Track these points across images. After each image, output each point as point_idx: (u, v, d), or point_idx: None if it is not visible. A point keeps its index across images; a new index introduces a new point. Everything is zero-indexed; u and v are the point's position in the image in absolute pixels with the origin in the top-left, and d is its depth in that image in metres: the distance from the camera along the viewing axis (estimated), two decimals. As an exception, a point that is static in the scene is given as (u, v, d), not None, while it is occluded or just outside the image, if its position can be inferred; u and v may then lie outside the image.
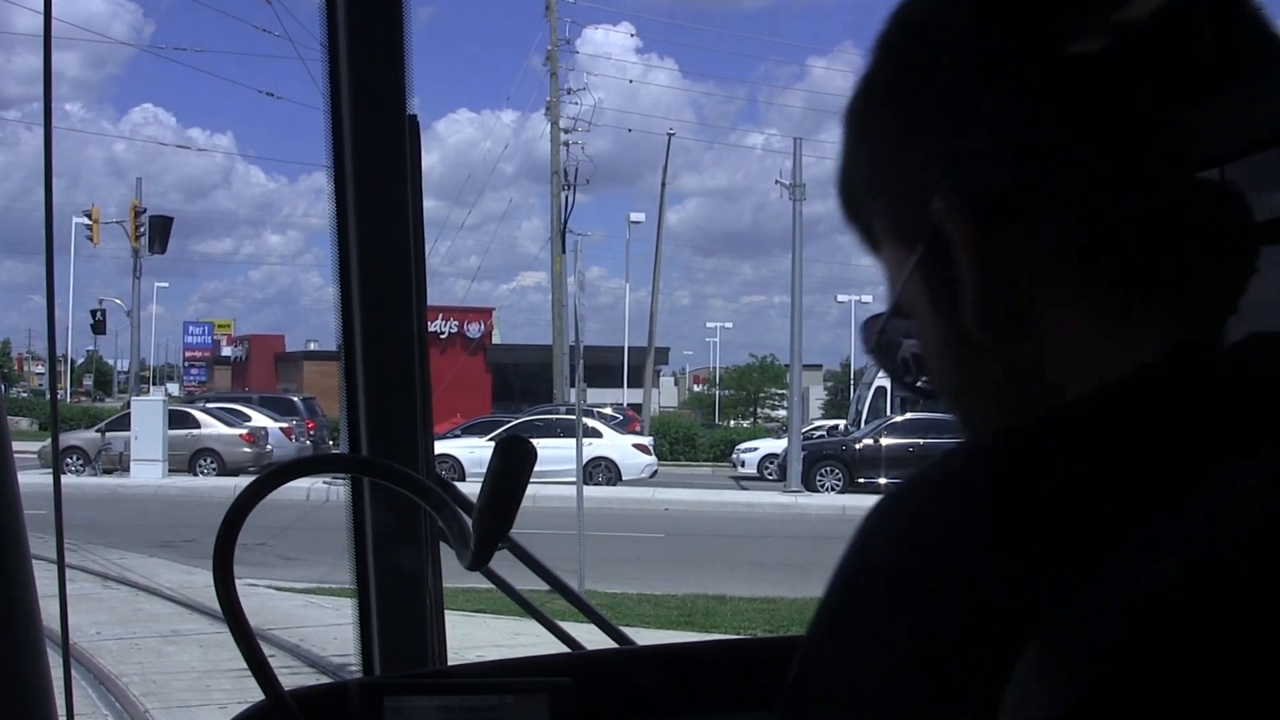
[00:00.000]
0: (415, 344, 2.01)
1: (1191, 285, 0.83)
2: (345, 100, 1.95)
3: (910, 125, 0.89)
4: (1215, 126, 0.84)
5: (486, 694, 1.45)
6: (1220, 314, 0.84)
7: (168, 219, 39.19)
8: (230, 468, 30.35)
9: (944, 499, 0.80)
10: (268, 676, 1.35)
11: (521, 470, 1.36)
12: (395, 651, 2.02)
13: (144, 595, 13.43)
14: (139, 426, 28.87)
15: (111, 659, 9.90)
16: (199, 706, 8.62)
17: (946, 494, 0.80)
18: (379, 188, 1.97)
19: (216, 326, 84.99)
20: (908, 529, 0.80)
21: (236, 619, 1.31)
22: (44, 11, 1.64)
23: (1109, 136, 0.83)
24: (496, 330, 62.67)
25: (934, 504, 0.80)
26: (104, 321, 45.73)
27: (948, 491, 0.81)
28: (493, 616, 11.64)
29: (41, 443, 28.08)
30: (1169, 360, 0.81)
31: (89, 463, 30.20)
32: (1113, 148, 0.82)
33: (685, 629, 11.96)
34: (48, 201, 1.73)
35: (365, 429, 2.01)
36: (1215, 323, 0.83)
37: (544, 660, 1.58)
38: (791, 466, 29.73)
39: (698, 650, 1.67)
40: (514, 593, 1.94)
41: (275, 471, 1.38)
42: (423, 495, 1.49)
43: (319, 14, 1.95)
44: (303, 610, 12.67)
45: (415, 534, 2.03)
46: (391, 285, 1.99)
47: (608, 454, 31.19)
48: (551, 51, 47.59)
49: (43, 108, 1.68)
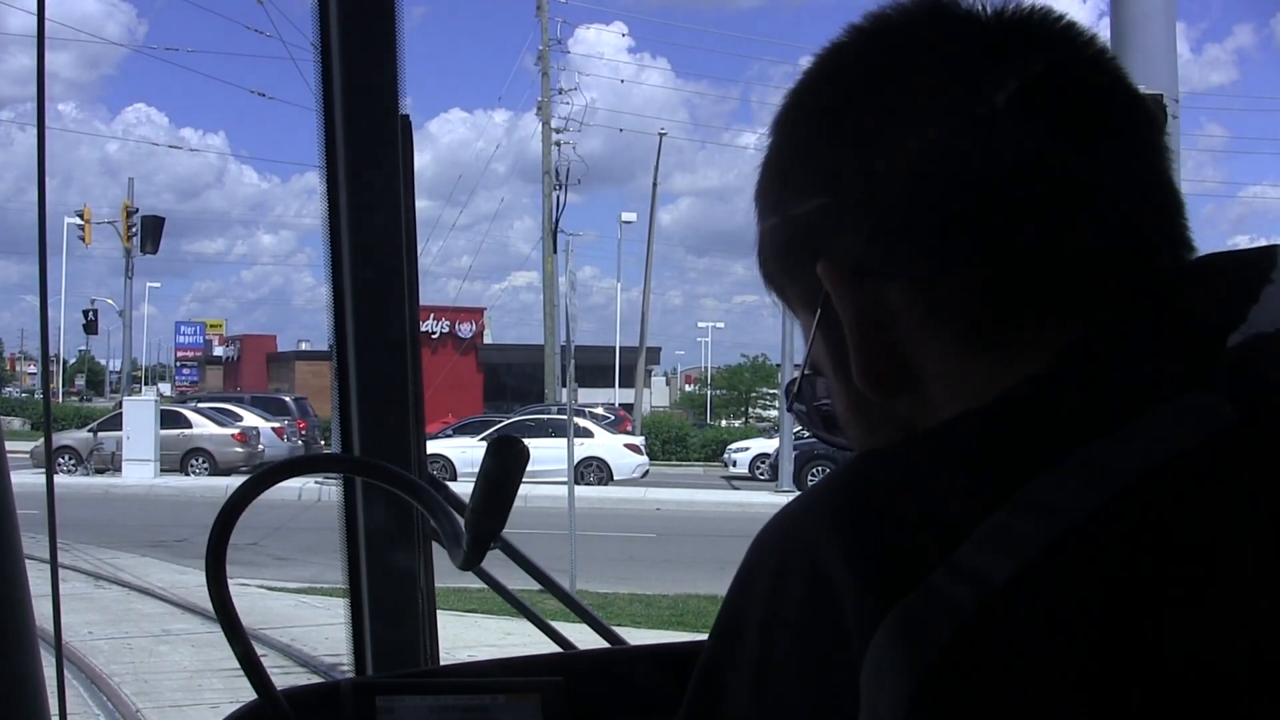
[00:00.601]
0: (407, 344, 2.01)
1: (1056, 320, 0.86)
2: (337, 100, 1.96)
3: (794, 197, 0.95)
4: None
5: (479, 694, 1.45)
6: (1097, 341, 0.85)
7: (159, 219, 39.14)
8: (222, 468, 30.32)
9: (809, 517, 0.85)
10: (260, 676, 1.35)
11: (514, 470, 1.37)
12: (387, 651, 2.03)
13: (136, 595, 13.41)
14: (131, 426, 28.81)
15: (104, 658, 9.89)
16: (191, 706, 8.61)
17: (812, 512, 0.86)
18: (371, 188, 1.97)
19: (208, 326, 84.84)
20: (776, 560, 0.85)
21: (229, 618, 1.31)
22: (37, 12, 1.64)
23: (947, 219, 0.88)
24: (488, 330, 62.60)
25: (802, 524, 0.86)
26: (96, 321, 45.70)
27: (814, 510, 0.86)
28: (485, 616, 11.64)
29: (34, 442, 28.01)
30: (1018, 387, 0.84)
31: (81, 462, 30.13)
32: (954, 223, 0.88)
33: (677, 629, 11.96)
34: (40, 202, 1.73)
35: (357, 429, 2.01)
36: (1084, 350, 0.85)
37: (536, 660, 1.58)
38: (783, 466, 29.69)
39: (690, 650, 1.67)
40: (506, 592, 1.94)
41: (267, 471, 1.38)
42: (415, 495, 1.49)
43: (311, 14, 1.96)
44: (295, 610, 12.66)
45: (407, 534, 2.03)
46: (383, 285, 1.99)
47: (599, 454, 31.17)
48: (543, 51, 47.56)
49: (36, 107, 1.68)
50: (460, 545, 1.41)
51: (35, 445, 27.12)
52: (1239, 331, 0.82)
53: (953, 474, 0.81)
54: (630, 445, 32.72)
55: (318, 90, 1.97)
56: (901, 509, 0.80)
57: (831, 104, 0.95)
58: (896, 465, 0.85)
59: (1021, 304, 0.87)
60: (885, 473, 0.85)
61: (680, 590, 14.56)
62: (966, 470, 0.81)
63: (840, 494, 0.85)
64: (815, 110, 0.96)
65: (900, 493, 0.82)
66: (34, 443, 27.86)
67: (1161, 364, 0.82)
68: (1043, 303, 0.87)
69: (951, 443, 0.84)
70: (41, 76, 1.69)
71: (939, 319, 0.88)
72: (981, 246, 0.87)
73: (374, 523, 2.02)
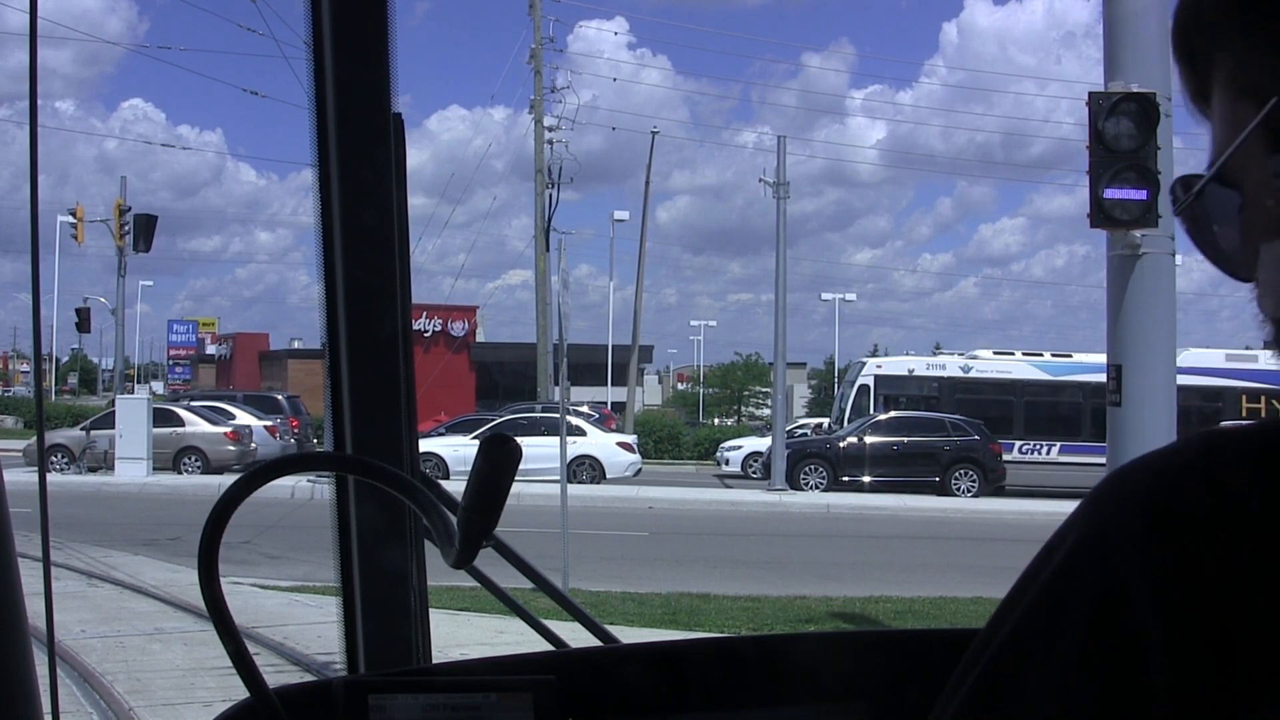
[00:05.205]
0: (400, 342, 2.01)
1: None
2: (330, 98, 1.95)
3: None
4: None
5: (471, 692, 1.45)
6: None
7: (152, 217, 39.01)
8: (214, 466, 30.34)
9: (1185, 519, 0.69)
10: (252, 674, 1.35)
11: (506, 469, 1.36)
12: (379, 649, 2.02)
13: (129, 593, 13.40)
14: (123, 425, 28.81)
15: (96, 657, 9.87)
16: (183, 704, 8.60)
17: (1186, 515, 0.69)
18: (364, 186, 1.97)
19: (201, 325, 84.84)
20: (1103, 570, 0.70)
21: (221, 617, 1.31)
22: (30, 10, 1.64)
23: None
24: (480, 328, 62.63)
25: (1166, 526, 0.69)
26: (88, 320, 45.51)
27: (1189, 510, 0.69)
28: (477, 615, 11.65)
29: (26, 441, 28.00)
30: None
31: (74, 461, 30.11)
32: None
33: (669, 627, 11.97)
34: (33, 200, 1.73)
35: (349, 427, 2.01)
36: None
37: (528, 658, 1.58)
38: (776, 465, 29.76)
39: (682, 648, 1.68)
40: (499, 591, 1.94)
41: (260, 470, 1.38)
42: (407, 493, 1.49)
43: (303, 12, 1.96)
44: (287, 608, 12.66)
45: (400, 532, 2.03)
46: (376, 283, 1.99)
47: (592, 452, 31.20)
48: (535, 50, 47.57)
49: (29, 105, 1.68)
50: (453, 543, 1.41)
51: (28, 443, 27.11)
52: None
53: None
54: (623, 444, 32.75)
55: (309, 88, 1.96)
56: (1256, 568, 0.64)
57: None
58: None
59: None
60: (1262, 486, 0.67)
61: (672, 588, 14.57)
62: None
63: (1183, 512, 0.68)
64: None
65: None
66: (27, 441, 27.86)
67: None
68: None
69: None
70: (34, 74, 1.69)
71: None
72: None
73: (366, 521, 2.01)
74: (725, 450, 39.23)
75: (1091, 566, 0.70)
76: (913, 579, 15.93)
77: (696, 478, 36.41)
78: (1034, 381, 35.85)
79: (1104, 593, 0.69)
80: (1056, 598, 0.72)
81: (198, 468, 30.63)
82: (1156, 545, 0.68)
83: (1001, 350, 38.18)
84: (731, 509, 26.35)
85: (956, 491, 30.56)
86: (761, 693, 1.57)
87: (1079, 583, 0.71)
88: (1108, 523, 0.71)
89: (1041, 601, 0.73)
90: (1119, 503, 0.72)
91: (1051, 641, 0.70)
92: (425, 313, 55.52)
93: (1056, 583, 0.72)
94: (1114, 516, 0.71)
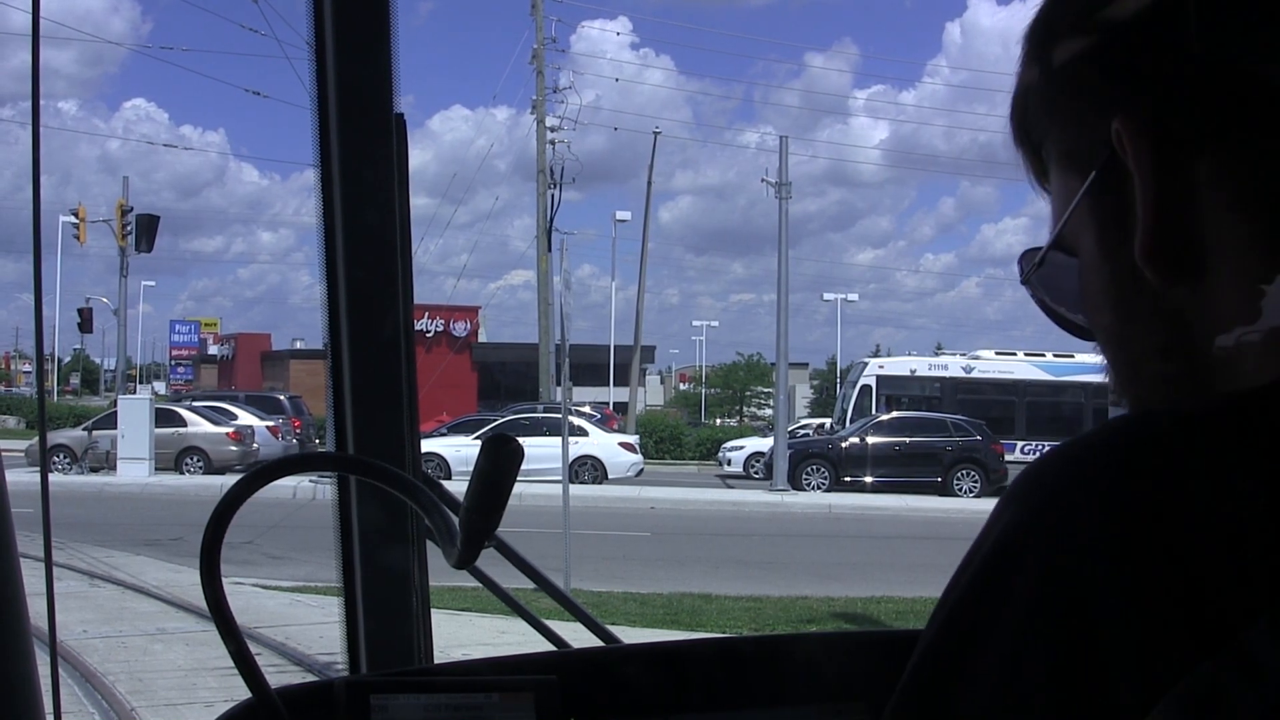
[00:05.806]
0: (401, 342, 2.01)
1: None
2: (331, 99, 1.95)
3: (1097, 43, 0.81)
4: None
5: (472, 692, 1.45)
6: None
7: (154, 218, 39.04)
8: (216, 466, 30.34)
9: (1098, 506, 0.70)
10: (254, 674, 1.35)
11: (508, 469, 1.36)
12: (381, 650, 2.02)
13: (131, 594, 13.40)
14: (125, 425, 28.83)
15: (98, 657, 9.88)
16: (185, 705, 8.60)
17: (1100, 502, 0.70)
18: (366, 186, 1.97)
19: (203, 325, 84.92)
20: (1048, 543, 0.71)
21: (223, 617, 1.31)
22: (32, 10, 1.64)
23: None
24: (483, 329, 62.66)
25: (1085, 510, 0.70)
26: (90, 320, 45.55)
27: (1100, 498, 0.71)
28: (479, 615, 11.65)
29: (29, 441, 28.02)
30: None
31: (76, 461, 30.13)
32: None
33: (671, 627, 11.97)
34: (35, 200, 1.73)
35: (351, 427, 2.01)
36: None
37: (530, 658, 1.58)
38: (778, 465, 29.74)
39: (684, 648, 1.67)
40: (500, 591, 1.94)
41: (262, 470, 1.38)
42: (409, 493, 1.49)
43: (305, 12, 1.96)
44: (289, 609, 12.67)
45: (402, 532, 2.03)
46: (378, 284, 1.99)
47: (594, 453, 31.19)
48: (537, 50, 47.57)
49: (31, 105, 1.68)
50: (455, 544, 1.41)
51: (30, 444, 27.12)
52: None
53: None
54: (624, 444, 32.75)
55: (312, 88, 1.96)
56: (1206, 523, 0.66)
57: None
58: (1208, 449, 0.69)
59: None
60: (1189, 459, 0.69)
61: (674, 589, 14.57)
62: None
63: (1120, 482, 0.70)
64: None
65: (1210, 499, 0.67)
66: (29, 441, 27.87)
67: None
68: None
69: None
70: (36, 74, 1.69)
71: (1249, 207, 0.75)
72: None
73: (368, 521, 2.02)
74: (727, 450, 39.20)
75: (1031, 540, 0.71)
76: (915, 579, 15.92)
77: (698, 478, 36.40)
78: (1036, 382, 35.91)
79: (1052, 553, 0.70)
80: (996, 572, 0.73)
81: (200, 468, 30.63)
82: (1104, 509, 0.69)
83: (1003, 350, 38.23)
84: (733, 509, 26.35)
85: (958, 492, 30.54)
86: (763, 693, 1.57)
87: (1019, 554, 0.72)
88: (1045, 503, 0.72)
89: (980, 577, 0.74)
90: (1057, 478, 0.73)
91: (996, 609, 0.71)
92: (427, 313, 55.52)
93: (995, 560, 0.73)
94: (1052, 492, 0.73)
